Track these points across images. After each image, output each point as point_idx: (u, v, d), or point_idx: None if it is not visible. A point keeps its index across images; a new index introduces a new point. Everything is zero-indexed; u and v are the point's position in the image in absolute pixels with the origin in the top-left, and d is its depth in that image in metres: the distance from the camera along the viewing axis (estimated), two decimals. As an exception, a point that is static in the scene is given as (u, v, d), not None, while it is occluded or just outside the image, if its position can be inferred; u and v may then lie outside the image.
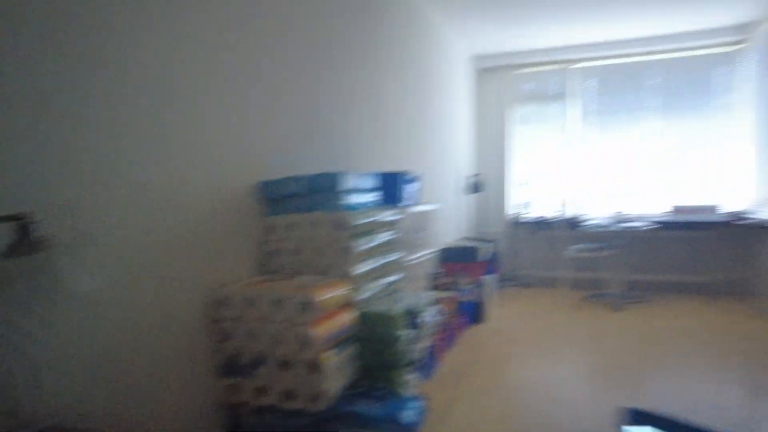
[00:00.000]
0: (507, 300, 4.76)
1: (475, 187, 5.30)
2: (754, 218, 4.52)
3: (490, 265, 4.57)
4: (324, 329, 1.66)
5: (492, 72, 5.69)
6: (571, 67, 5.39)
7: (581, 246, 4.69)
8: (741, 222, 4.63)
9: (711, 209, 4.84)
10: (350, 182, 1.93)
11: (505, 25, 4.67)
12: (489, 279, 4.35)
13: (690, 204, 4.90)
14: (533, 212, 5.50)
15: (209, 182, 1.73)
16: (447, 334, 3.25)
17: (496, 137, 5.71)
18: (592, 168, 5.36)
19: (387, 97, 3.27)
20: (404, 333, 1.90)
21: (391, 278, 2.19)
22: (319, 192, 1.90)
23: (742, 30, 4.76)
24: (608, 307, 4.40)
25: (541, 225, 5.32)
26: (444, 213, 4.56)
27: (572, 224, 4.98)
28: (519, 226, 5.53)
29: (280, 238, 1.96)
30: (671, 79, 5.11)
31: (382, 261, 2.11)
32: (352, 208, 1.95)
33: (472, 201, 5.61)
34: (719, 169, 5.00)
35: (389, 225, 2.20)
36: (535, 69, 5.55)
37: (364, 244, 1.95)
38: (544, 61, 5.45)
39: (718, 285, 4.88)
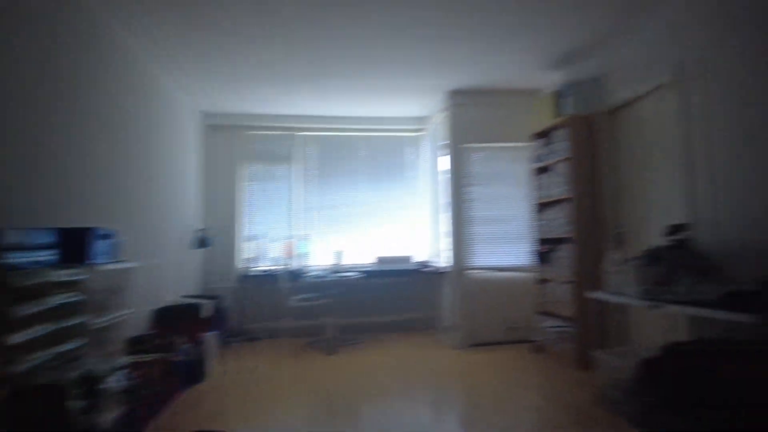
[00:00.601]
0: (232, 356, 4.75)
1: (203, 242, 5.23)
2: (434, 266, 5.68)
3: (214, 321, 4.52)
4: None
5: (223, 130, 5.85)
6: (297, 133, 5.97)
7: (302, 296, 5.07)
8: (426, 269, 5.76)
9: (406, 259, 5.87)
10: (10, 238, 1.73)
11: (232, 89, 4.91)
12: (211, 336, 4.29)
13: (391, 255, 5.85)
14: (261, 266, 5.71)
15: None
16: (156, 398, 3.06)
17: (227, 193, 5.80)
18: (313, 224, 5.94)
19: (94, 149, 3.04)
20: (76, 403, 1.75)
21: (70, 344, 2.00)
22: (-34, 250, 1.64)
23: (421, 121, 6.10)
24: (324, 351, 4.83)
25: (268, 278, 5.55)
26: (166, 269, 4.36)
27: (295, 276, 5.35)
28: (248, 279, 5.64)
29: None
30: (376, 152, 6.15)
31: (57, 326, 1.91)
32: (14, 267, 1.74)
33: (200, 256, 5.50)
34: (411, 226, 6.15)
35: (70, 286, 2.02)
36: (264, 132, 5.94)
37: (30, 308, 1.75)
38: (273, 125, 5.90)
39: (413, 322, 5.88)
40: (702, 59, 3.04)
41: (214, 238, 5.58)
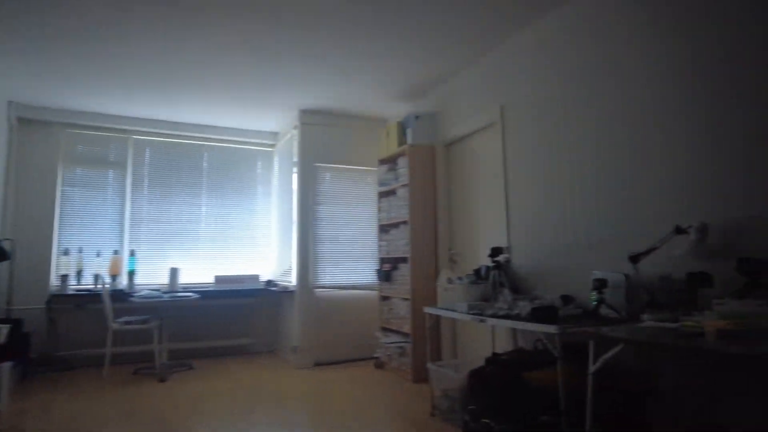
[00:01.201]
0: (36, 390, 4.05)
1: (2, 254, 4.40)
2: (281, 285, 5.57)
3: (12, 349, 3.81)
4: None
5: (40, 126, 5.05)
6: (132, 137, 5.42)
7: (127, 318, 4.56)
8: (273, 288, 5.62)
9: (253, 278, 5.65)
10: None
11: (54, 79, 4.28)
12: (6, 367, 3.60)
13: (232, 274, 5.58)
14: (81, 284, 5.00)
15: None
16: None
17: (40, 198, 4.98)
18: (146, 238, 5.41)
19: None
20: None
21: None
22: None
23: (274, 136, 6.02)
24: (154, 378, 4.39)
25: (89, 298, 4.88)
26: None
27: (121, 296, 4.79)
28: (62, 299, 4.89)
29: None
30: (223, 164, 5.86)
31: None
32: None
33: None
34: (260, 244, 5.96)
35: None
36: (92, 132, 5.27)
37: None
38: (103, 126, 5.27)
39: (257, 344, 5.67)
40: (516, 105, 3.54)
41: (19, 250, 4.75)
